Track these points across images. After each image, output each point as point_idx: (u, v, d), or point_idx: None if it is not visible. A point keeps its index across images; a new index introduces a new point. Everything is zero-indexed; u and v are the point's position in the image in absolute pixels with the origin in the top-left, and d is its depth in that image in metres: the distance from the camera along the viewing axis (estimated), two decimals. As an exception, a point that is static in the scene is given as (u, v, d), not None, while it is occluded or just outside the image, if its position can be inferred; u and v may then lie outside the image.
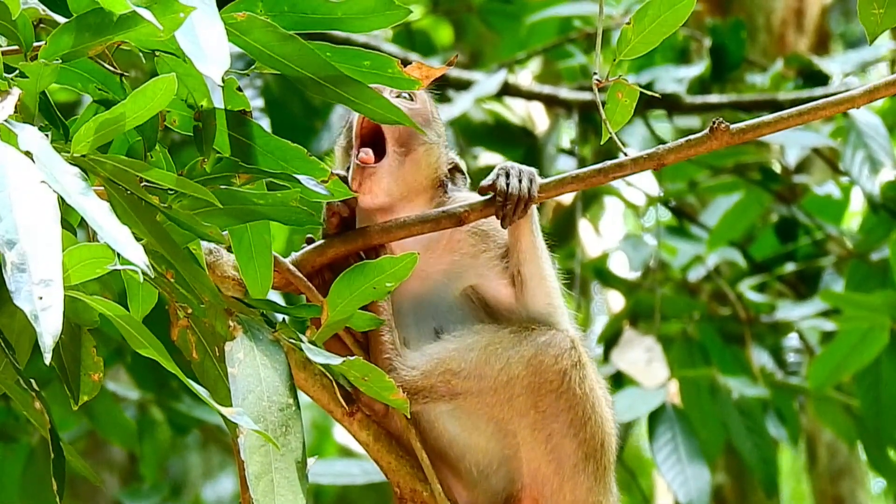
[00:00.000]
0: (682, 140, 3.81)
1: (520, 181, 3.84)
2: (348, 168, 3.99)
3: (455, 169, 4.12)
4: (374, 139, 3.97)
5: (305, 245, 3.93)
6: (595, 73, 3.80)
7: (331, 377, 3.74)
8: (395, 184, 3.96)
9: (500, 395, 3.88)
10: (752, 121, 3.81)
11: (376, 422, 3.88)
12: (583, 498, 3.96)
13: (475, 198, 3.95)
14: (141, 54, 3.50)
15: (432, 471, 3.86)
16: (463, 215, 3.87)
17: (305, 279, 3.81)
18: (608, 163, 3.84)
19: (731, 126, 3.79)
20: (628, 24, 3.73)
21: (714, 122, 3.77)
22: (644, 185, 8.50)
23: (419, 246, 3.94)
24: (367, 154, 3.94)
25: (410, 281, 3.66)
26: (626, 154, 3.78)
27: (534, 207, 3.93)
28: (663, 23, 3.73)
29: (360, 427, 3.86)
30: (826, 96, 3.88)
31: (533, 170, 3.88)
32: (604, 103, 3.81)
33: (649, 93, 3.89)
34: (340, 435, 11.48)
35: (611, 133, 3.77)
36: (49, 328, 2.77)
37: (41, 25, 3.44)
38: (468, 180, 4.16)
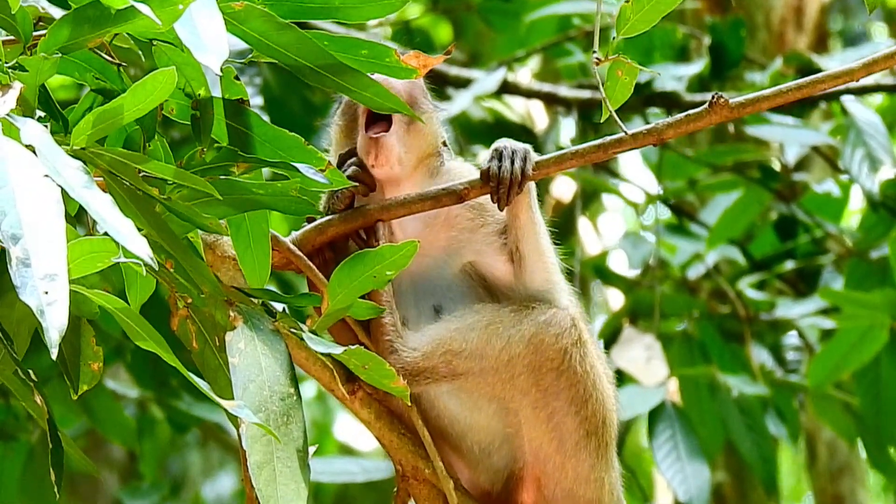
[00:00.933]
0: (682, 115, 3.81)
1: (512, 162, 3.86)
2: (348, 151, 4.02)
3: (443, 142, 4.15)
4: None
5: (306, 224, 3.94)
6: (595, 53, 3.79)
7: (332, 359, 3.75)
8: (405, 151, 3.99)
9: (502, 375, 3.90)
10: (751, 94, 3.81)
11: (378, 400, 3.89)
12: (585, 474, 3.98)
13: (469, 167, 3.99)
14: (140, 52, 3.50)
15: (434, 449, 3.87)
16: (463, 192, 3.89)
17: (306, 258, 3.82)
18: (608, 138, 3.84)
19: (731, 100, 3.79)
20: (627, 2, 3.72)
21: (713, 97, 3.77)
22: (643, 183, 8.50)
23: (418, 223, 3.97)
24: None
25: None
26: (625, 131, 3.78)
27: (531, 184, 3.95)
28: (662, 1, 3.73)
29: (361, 405, 3.87)
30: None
31: (527, 147, 3.90)
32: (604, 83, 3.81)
33: (647, 70, 3.89)
34: (340, 433, 11.50)
35: (610, 111, 3.77)
36: (55, 323, 2.78)
37: (40, 23, 3.45)
38: (452, 154, 4.19)
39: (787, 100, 3.82)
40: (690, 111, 3.82)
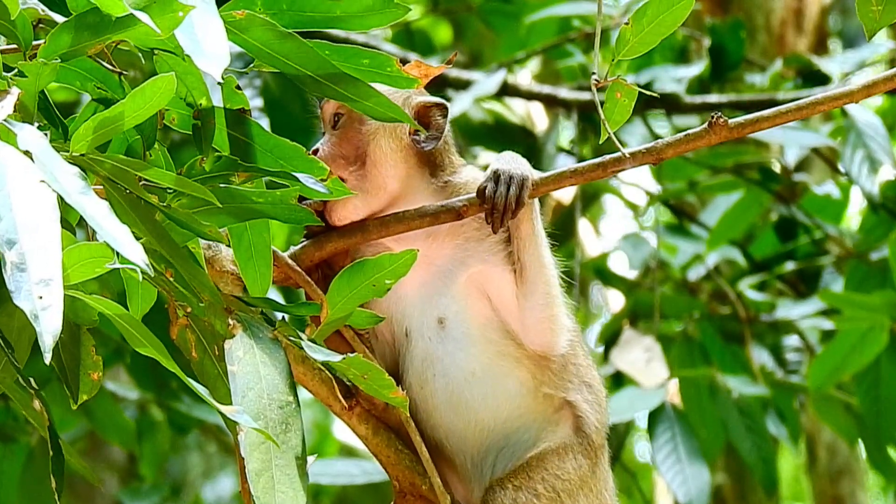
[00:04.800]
0: (681, 134, 3.82)
1: (508, 188, 3.84)
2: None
3: (425, 114, 4.08)
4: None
5: (304, 239, 3.94)
6: (594, 73, 3.80)
7: (330, 372, 3.74)
8: (367, 197, 3.97)
9: None
10: (751, 115, 3.81)
11: (375, 415, 3.89)
12: None
13: (478, 178, 3.95)
14: (140, 54, 3.50)
15: (432, 464, 3.87)
16: (462, 210, 3.89)
17: (304, 273, 3.82)
18: (607, 157, 3.84)
19: (730, 120, 3.79)
20: (627, 24, 3.73)
21: (713, 117, 3.77)
22: (644, 183, 8.50)
23: (421, 233, 3.95)
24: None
25: (415, 269, 3.62)
26: (624, 154, 3.78)
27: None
28: (662, 23, 3.74)
29: (358, 421, 3.87)
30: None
31: (525, 173, 3.87)
32: (602, 103, 3.81)
33: (648, 92, 3.89)
34: (341, 433, 11.49)
35: (609, 133, 3.77)
36: (49, 328, 2.77)
37: (40, 25, 3.44)
38: (460, 162, 4.15)
39: (786, 120, 3.82)
40: (690, 130, 3.82)
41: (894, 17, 3.79)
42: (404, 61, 3.61)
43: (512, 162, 3.89)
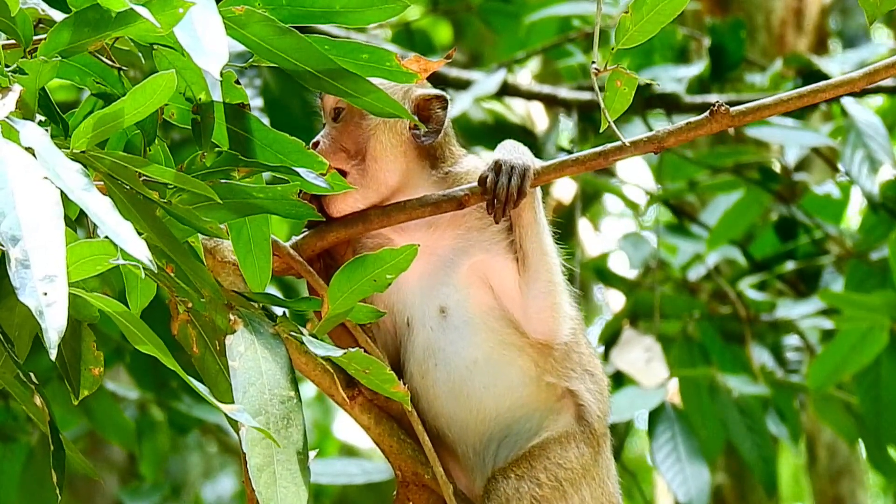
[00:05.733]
0: (683, 122, 3.82)
1: (510, 178, 3.84)
2: None
3: (425, 107, 4.08)
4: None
5: (305, 229, 3.94)
6: (594, 63, 3.80)
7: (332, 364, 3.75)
8: (366, 191, 3.97)
9: None
10: (752, 103, 3.81)
11: (378, 405, 3.89)
12: None
13: (482, 167, 3.95)
14: (140, 53, 3.50)
15: (434, 454, 3.87)
16: (464, 199, 3.89)
17: (305, 263, 3.82)
18: (608, 146, 3.85)
19: (732, 108, 3.79)
20: (626, 13, 3.74)
21: (714, 105, 3.77)
22: (644, 183, 8.50)
23: (422, 223, 3.95)
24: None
25: (416, 258, 3.62)
26: (624, 142, 3.79)
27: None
28: (661, 11, 3.74)
29: (361, 411, 3.87)
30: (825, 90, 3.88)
31: (527, 162, 3.87)
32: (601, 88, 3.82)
33: (648, 80, 3.89)
34: (341, 433, 11.50)
35: (609, 121, 3.77)
36: (54, 324, 2.78)
37: (40, 25, 3.45)
38: (462, 152, 4.15)
39: (787, 108, 3.82)
40: (691, 119, 3.83)
41: (894, 3, 3.79)
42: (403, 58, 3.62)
43: (514, 151, 3.90)
